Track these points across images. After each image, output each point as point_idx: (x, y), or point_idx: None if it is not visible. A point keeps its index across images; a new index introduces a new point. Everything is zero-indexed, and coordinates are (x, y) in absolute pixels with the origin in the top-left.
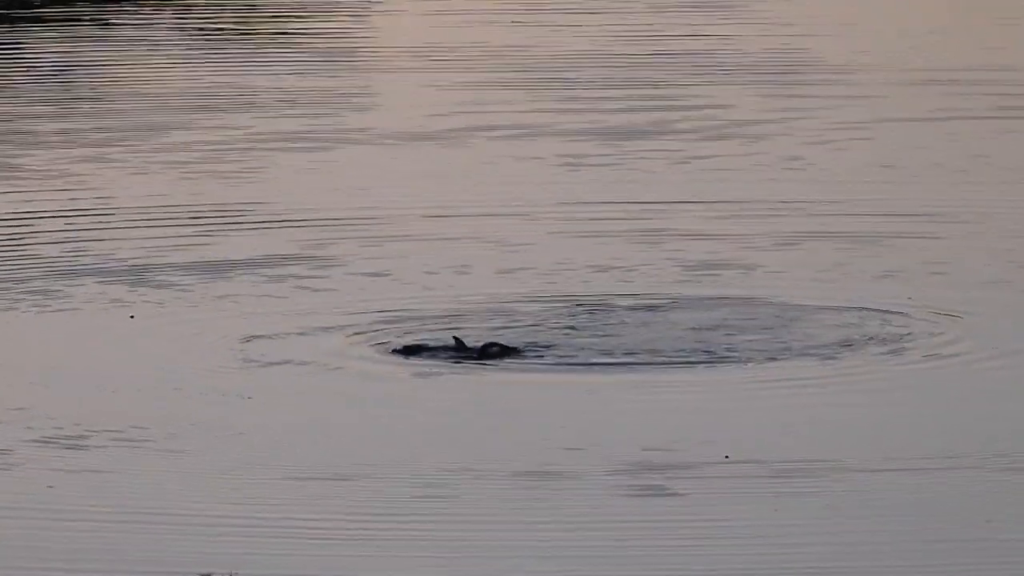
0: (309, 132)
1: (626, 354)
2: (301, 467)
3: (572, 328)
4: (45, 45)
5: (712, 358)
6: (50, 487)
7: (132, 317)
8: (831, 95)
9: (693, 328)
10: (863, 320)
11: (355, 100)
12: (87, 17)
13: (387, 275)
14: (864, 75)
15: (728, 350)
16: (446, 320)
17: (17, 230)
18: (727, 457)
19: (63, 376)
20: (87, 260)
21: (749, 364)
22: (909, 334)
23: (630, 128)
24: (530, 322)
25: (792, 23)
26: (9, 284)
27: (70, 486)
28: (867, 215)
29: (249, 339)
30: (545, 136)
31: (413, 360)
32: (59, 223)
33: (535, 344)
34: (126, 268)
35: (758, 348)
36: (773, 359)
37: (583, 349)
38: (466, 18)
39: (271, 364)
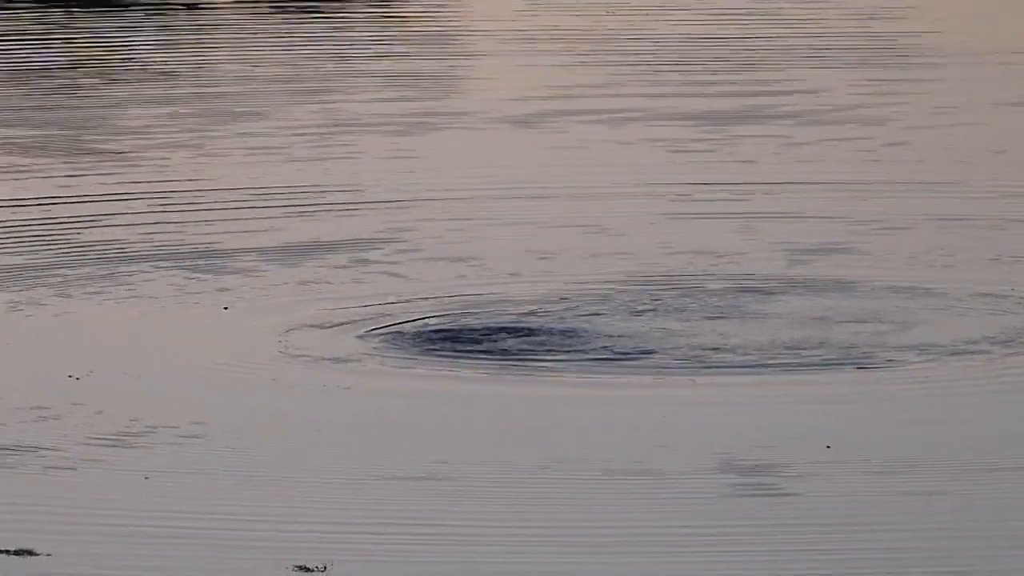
0: (401, 115)
1: (733, 349)
2: (389, 464)
3: (670, 316)
4: (141, 28)
5: (819, 354)
6: (146, 478)
7: (226, 308)
8: (935, 78)
9: (800, 319)
10: (972, 308)
11: (447, 83)
12: (181, 4)
13: (475, 259)
14: (969, 59)
15: (838, 345)
16: (533, 305)
17: (106, 215)
18: (828, 447)
19: (148, 366)
20: (173, 244)
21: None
22: (1017, 327)
23: (726, 112)
24: (626, 309)
25: (891, 6)
26: (96, 269)
27: (160, 480)
28: (977, 199)
29: (328, 327)
30: (638, 120)
31: (494, 347)
32: (148, 208)
33: (633, 333)
34: (213, 253)
35: (869, 342)
36: (882, 351)
37: (684, 343)
38: (558, 2)
39: (349, 357)
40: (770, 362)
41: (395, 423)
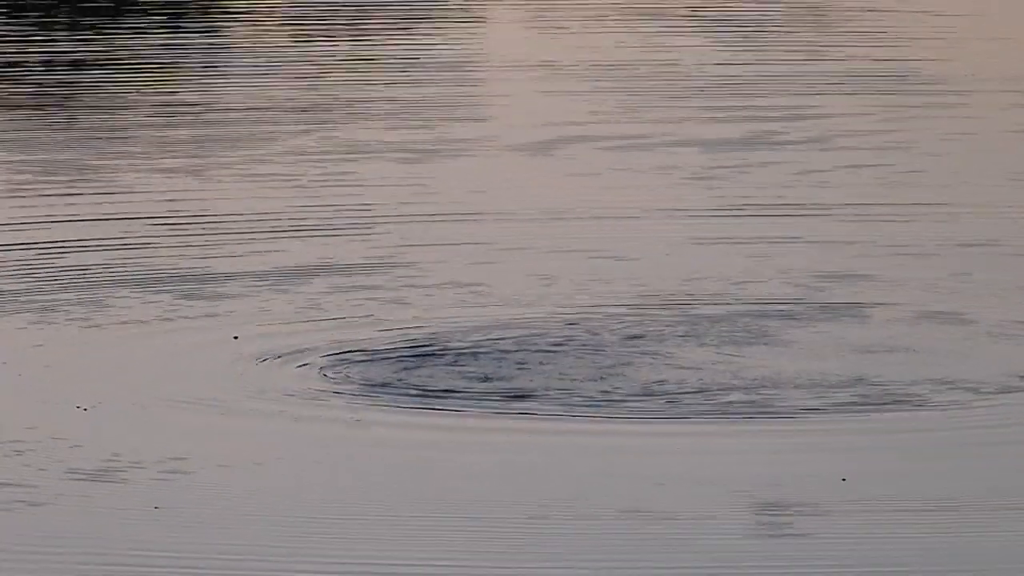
0: (412, 142)
1: (746, 381)
2: (380, 501)
3: (681, 346)
4: (150, 42)
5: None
6: (156, 507)
7: (236, 338)
8: (951, 104)
9: (818, 349)
10: (1003, 337)
11: (459, 110)
12: (192, 27)
13: (479, 284)
14: (985, 85)
15: (859, 377)
16: (535, 332)
17: (98, 238)
18: (844, 480)
19: (146, 397)
20: (170, 268)
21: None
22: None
23: (740, 139)
24: (635, 337)
25: (906, 34)
26: (88, 294)
27: (166, 513)
28: (998, 224)
29: (327, 354)
30: (651, 147)
31: (488, 378)
32: (142, 232)
33: (641, 364)
34: (211, 278)
35: (892, 373)
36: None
37: (695, 375)
38: (569, 31)
39: (346, 388)
40: (787, 395)
41: (384, 459)
